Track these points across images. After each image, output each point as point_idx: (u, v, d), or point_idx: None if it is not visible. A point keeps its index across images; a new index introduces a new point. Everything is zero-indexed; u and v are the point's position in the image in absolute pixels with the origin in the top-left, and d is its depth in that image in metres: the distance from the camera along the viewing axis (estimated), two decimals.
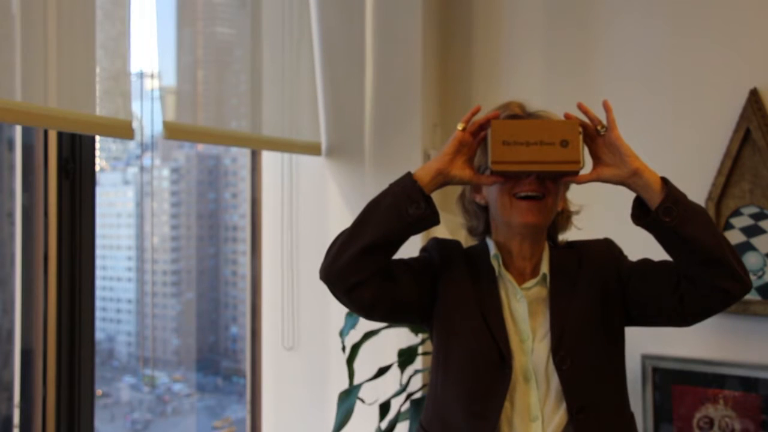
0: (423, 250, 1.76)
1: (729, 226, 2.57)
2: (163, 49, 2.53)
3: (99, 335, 2.49)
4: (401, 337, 2.76)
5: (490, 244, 1.70)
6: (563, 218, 1.74)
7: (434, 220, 1.57)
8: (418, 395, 2.60)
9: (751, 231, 2.54)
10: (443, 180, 1.58)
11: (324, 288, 1.61)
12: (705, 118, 2.64)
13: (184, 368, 3.77)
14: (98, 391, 2.46)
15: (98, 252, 2.35)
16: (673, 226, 1.51)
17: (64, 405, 2.25)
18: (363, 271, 1.56)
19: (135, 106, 2.38)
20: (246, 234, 3.28)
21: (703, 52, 2.66)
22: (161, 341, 3.66)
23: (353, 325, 2.51)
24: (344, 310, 2.58)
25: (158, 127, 2.45)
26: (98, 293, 2.36)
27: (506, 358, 1.59)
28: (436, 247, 1.73)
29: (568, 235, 1.79)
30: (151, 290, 3.47)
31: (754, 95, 2.52)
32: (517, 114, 1.65)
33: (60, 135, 2.23)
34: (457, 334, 1.65)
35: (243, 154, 3.40)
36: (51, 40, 2.04)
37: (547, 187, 1.61)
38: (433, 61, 3.08)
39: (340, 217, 3.05)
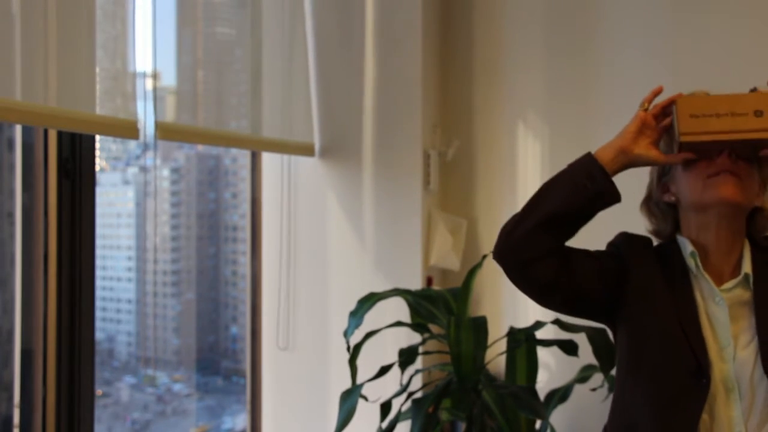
0: (610, 244, 1.64)
1: None
2: (163, 49, 2.52)
3: (99, 335, 2.49)
4: (401, 337, 2.76)
5: (684, 241, 1.57)
6: (763, 217, 1.59)
7: (615, 197, 1.48)
8: (419, 395, 2.60)
9: None
10: (626, 160, 1.48)
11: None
12: None
13: (184, 368, 3.77)
14: (98, 391, 2.46)
15: (98, 252, 2.35)
16: None
17: (64, 405, 2.25)
18: (538, 247, 1.48)
19: (135, 106, 2.38)
20: (246, 234, 3.28)
21: (703, 51, 2.66)
22: (161, 341, 3.66)
23: (357, 325, 2.51)
24: (344, 310, 2.58)
25: None
26: (98, 293, 2.36)
27: (703, 367, 1.47)
28: (624, 241, 1.61)
29: None
30: (152, 290, 3.47)
31: None
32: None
33: (60, 135, 2.23)
34: (649, 339, 1.53)
35: (243, 155, 3.41)
36: (51, 40, 2.04)
37: (741, 166, 1.49)
38: (433, 61, 3.08)
39: (337, 217, 3.05)
